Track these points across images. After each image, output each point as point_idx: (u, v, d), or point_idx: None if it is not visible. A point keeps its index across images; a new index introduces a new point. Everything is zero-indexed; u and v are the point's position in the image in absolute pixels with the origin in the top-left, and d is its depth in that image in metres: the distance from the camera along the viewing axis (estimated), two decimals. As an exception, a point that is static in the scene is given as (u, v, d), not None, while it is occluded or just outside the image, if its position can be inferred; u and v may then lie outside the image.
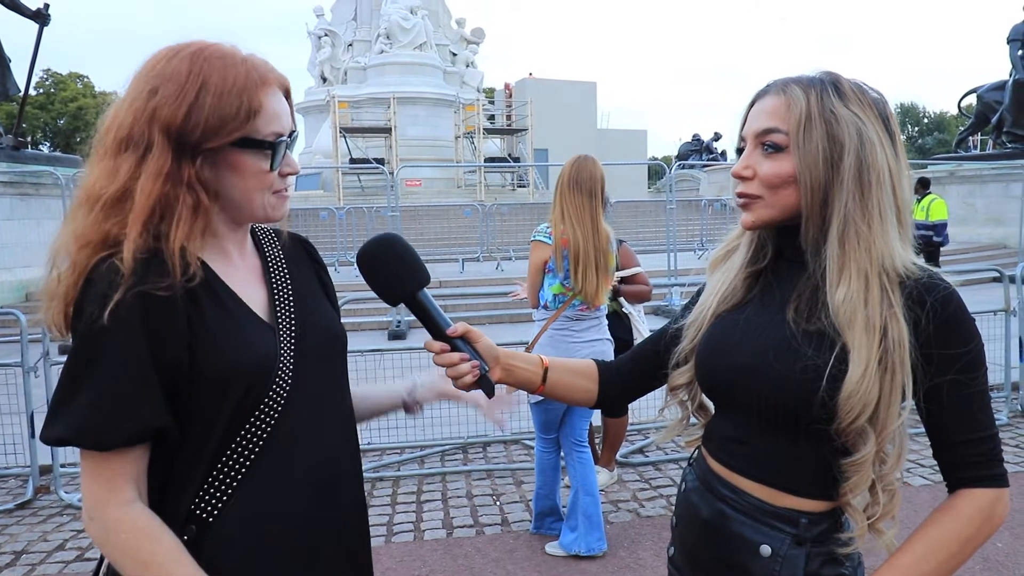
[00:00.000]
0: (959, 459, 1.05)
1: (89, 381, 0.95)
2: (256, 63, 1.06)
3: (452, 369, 1.18)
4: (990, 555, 3.21)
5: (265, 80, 1.05)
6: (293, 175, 1.12)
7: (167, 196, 1.00)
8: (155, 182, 0.99)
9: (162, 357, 0.96)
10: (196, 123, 1.00)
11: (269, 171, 1.07)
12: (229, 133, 1.02)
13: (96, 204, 1.01)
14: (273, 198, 1.10)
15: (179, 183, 1.00)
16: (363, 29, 29.33)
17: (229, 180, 1.06)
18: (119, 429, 0.94)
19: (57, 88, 47.78)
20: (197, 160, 1.02)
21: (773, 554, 1.07)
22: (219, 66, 1.02)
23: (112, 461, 0.97)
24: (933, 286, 1.02)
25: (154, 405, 0.96)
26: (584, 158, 3.30)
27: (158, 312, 0.96)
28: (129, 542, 0.96)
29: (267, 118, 1.05)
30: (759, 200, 1.10)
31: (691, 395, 1.27)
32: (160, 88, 1.01)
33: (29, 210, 11.16)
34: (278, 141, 1.06)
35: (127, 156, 1.01)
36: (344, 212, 15.37)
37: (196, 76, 1.01)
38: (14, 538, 3.67)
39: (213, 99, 1.00)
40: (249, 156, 1.05)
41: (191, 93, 1.00)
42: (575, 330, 3.32)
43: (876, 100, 1.08)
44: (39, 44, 12.48)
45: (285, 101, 1.11)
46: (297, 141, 1.14)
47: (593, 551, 3.29)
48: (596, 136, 36.84)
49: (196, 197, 1.02)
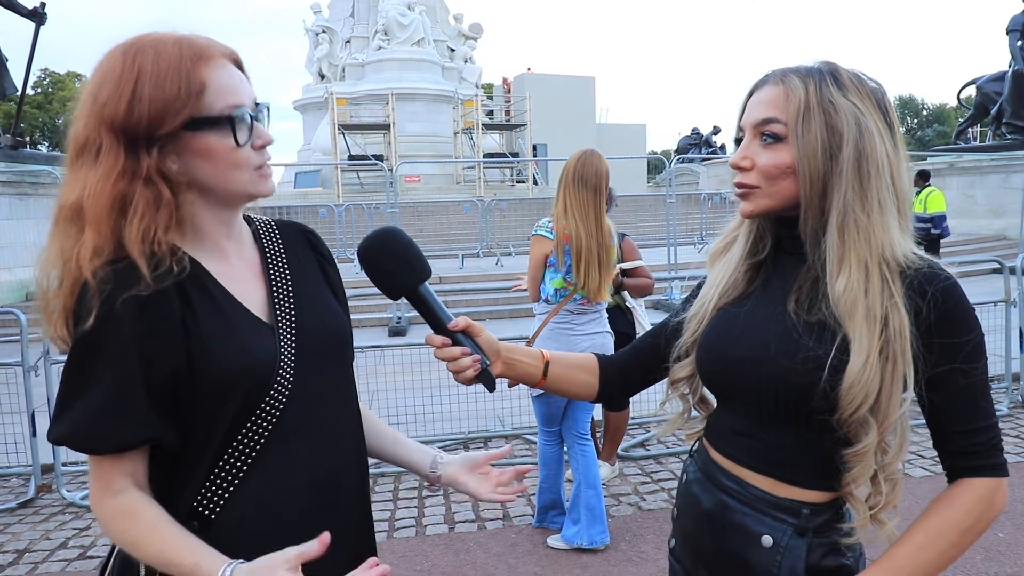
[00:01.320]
0: (959, 448, 1.05)
1: (82, 387, 0.96)
2: (193, 40, 1.03)
3: (453, 363, 1.18)
4: (991, 545, 3.21)
5: (204, 55, 1.02)
6: (266, 145, 1.07)
7: (121, 194, 0.98)
8: (106, 182, 0.98)
9: (156, 367, 0.97)
10: (140, 115, 0.98)
11: (237, 147, 1.02)
12: (175, 115, 0.99)
13: (64, 215, 1.00)
14: (252, 174, 1.06)
15: (136, 178, 0.98)
16: (361, 25, 29.28)
17: (198, 166, 1.03)
18: (108, 439, 0.97)
19: (55, 87, 47.78)
20: (153, 152, 0.99)
21: (775, 545, 1.08)
22: (151, 53, 0.99)
23: (104, 462, 1.00)
24: (934, 276, 1.02)
25: (140, 420, 0.97)
26: (589, 152, 3.28)
27: (151, 322, 0.96)
28: (121, 526, 0.99)
29: (216, 92, 1.01)
30: (757, 190, 1.09)
31: (692, 388, 1.27)
32: (101, 87, 1.00)
33: (28, 210, 11.15)
34: (236, 114, 1.02)
35: (83, 162, 1.00)
36: (343, 209, 15.35)
37: (131, 68, 0.99)
38: (16, 536, 3.68)
39: (151, 86, 0.98)
40: (209, 136, 1.01)
41: (128, 85, 0.98)
42: (576, 324, 3.32)
43: (874, 90, 1.08)
44: (36, 43, 12.45)
45: (237, 71, 1.06)
46: (267, 111, 1.09)
47: (595, 544, 3.30)
48: (595, 131, 36.76)
49: (156, 190, 0.99)
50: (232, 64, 1.06)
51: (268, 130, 1.08)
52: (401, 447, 1.34)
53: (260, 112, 1.07)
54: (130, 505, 0.99)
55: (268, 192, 1.10)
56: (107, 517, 1.00)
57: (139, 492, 1.00)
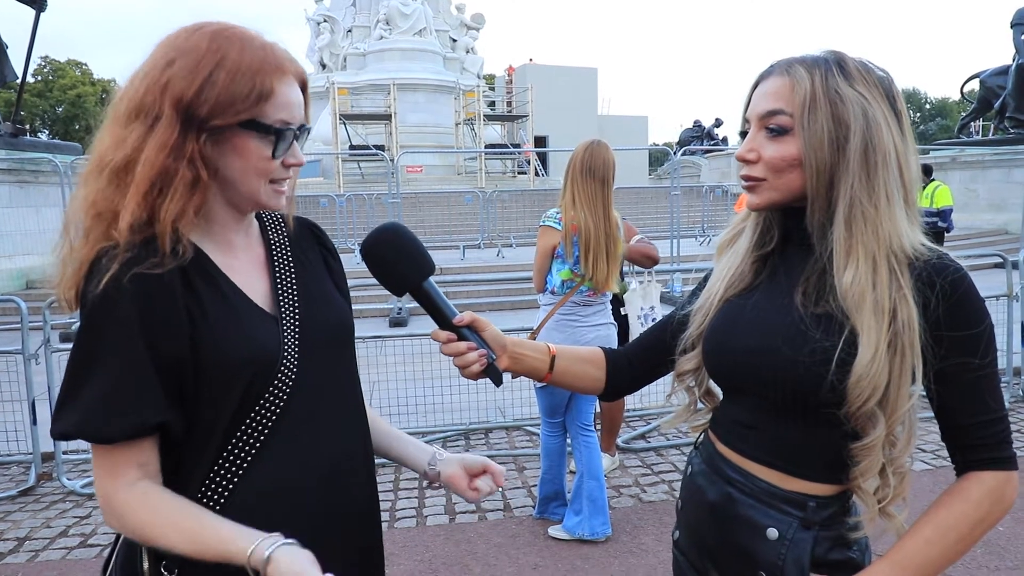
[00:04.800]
0: (968, 442, 1.04)
1: (90, 377, 0.96)
2: (276, 50, 1.05)
3: (460, 358, 1.17)
4: (992, 540, 3.21)
5: (281, 67, 1.04)
6: (297, 166, 1.10)
7: (168, 169, 0.99)
8: (159, 154, 0.98)
9: (161, 352, 0.96)
10: (206, 99, 0.99)
11: (271, 158, 1.05)
12: (236, 113, 1.01)
13: (104, 171, 1.00)
14: (269, 187, 1.08)
15: (181, 157, 0.99)
16: (362, 15, 29.15)
17: (230, 160, 1.04)
18: (119, 425, 0.95)
19: (55, 75, 47.60)
20: (202, 136, 1.01)
21: (780, 537, 1.07)
22: (238, 46, 1.01)
23: (116, 452, 0.98)
24: (943, 267, 1.01)
25: (153, 402, 0.96)
26: (596, 143, 3.26)
27: (157, 305, 0.96)
28: (140, 518, 0.97)
29: (277, 104, 1.03)
30: (764, 183, 1.08)
31: (698, 381, 1.26)
32: (177, 60, 1.00)
33: (28, 198, 11.13)
34: (284, 129, 1.05)
35: (136, 125, 1.00)
36: (344, 199, 15.32)
37: (214, 53, 1.00)
38: (17, 525, 3.68)
39: (227, 77, 1.00)
40: (253, 139, 1.03)
41: (206, 69, 0.99)
42: (581, 315, 3.31)
43: (882, 79, 1.06)
44: (36, 30, 12.39)
45: (300, 93, 1.09)
46: (308, 135, 1.12)
47: (597, 535, 3.31)
48: (597, 122, 36.66)
49: (196, 172, 1.00)
50: (299, 85, 1.09)
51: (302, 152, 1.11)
52: (398, 442, 1.34)
53: (302, 135, 1.09)
54: (145, 495, 0.98)
55: (277, 207, 1.11)
56: (121, 510, 0.98)
57: (151, 482, 1.00)
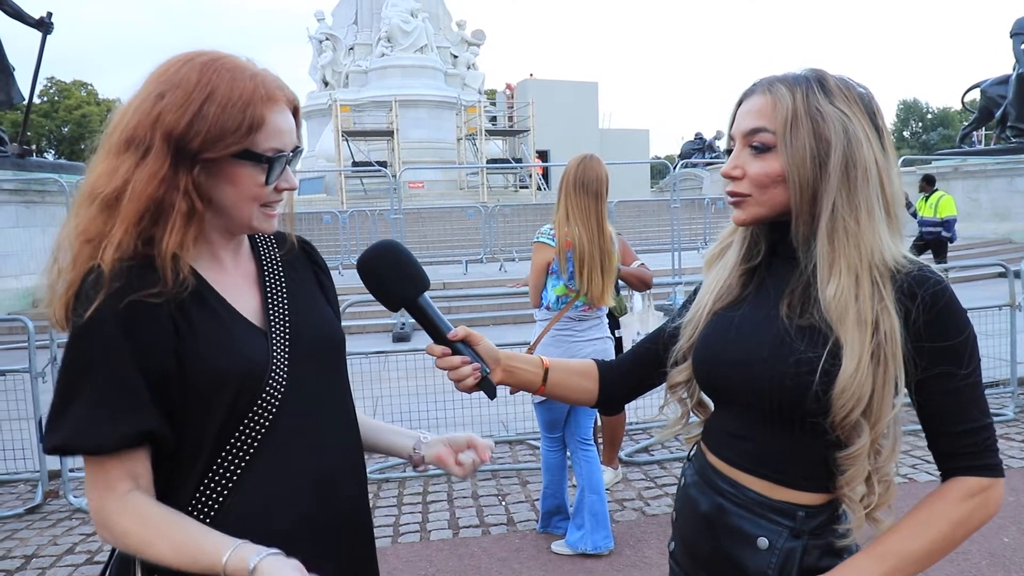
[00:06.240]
0: (951, 450, 1.06)
1: (78, 392, 0.97)
2: (266, 79, 1.07)
3: (454, 372, 1.20)
4: (996, 550, 3.21)
5: (272, 96, 1.06)
6: (290, 191, 1.12)
7: (160, 200, 1.01)
8: (147, 184, 1.00)
9: (148, 363, 0.97)
10: (197, 132, 1.01)
11: (264, 185, 1.07)
12: (228, 146, 1.03)
13: (95, 200, 1.02)
14: (261, 211, 1.10)
15: (174, 188, 1.01)
16: (364, 32, 29.41)
17: (223, 188, 1.06)
18: (108, 434, 0.96)
19: (61, 96, 47.98)
20: (195, 168, 1.03)
21: (770, 547, 1.09)
22: (228, 78, 1.03)
23: (107, 464, 0.99)
24: (923, 279, 1.03)
25: (142, 409, 0.97)
26: (589, 158, 3.28)
27: (141, 319, 0.98)
28: (129, 529, 0.98)
29: (268, 133, 1.05)
30: (749, 198, 1.11)
31: (690, 392, 1.28)
32: (167, 93, 1.02)
33: (34, 218, 11.21)
34: (276, 156, 1.06)
35: (128, 156, 1.02)
36: (347, 215, 15.40)
37: (204, 86, 1.02)
38: (24, 542, 3.70)
39: (217, 110, 1.01)
40: (246, 168, 1.05)
41: (196, 102, 1.01)
42: (577, 330, 3.33)
43: (862, 95, 1.09)
44: (43, 52, 12.52)
45: (292, 118, 1.11)
46: (300, 156, 1.14)
47: (599, 549, 3.30)
48: (598, 136, 36.81)
49: (191, 203, 1.02)
50: (290, 111, 1.11)
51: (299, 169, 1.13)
52: (383, 433, 1.35)
53: (295, 158, 1.11)
54: (135, 507, 0.99)
55: (268, 231, 1.14)
56: (112, 522, 0.98)
57: (143, 494, 1.00)
